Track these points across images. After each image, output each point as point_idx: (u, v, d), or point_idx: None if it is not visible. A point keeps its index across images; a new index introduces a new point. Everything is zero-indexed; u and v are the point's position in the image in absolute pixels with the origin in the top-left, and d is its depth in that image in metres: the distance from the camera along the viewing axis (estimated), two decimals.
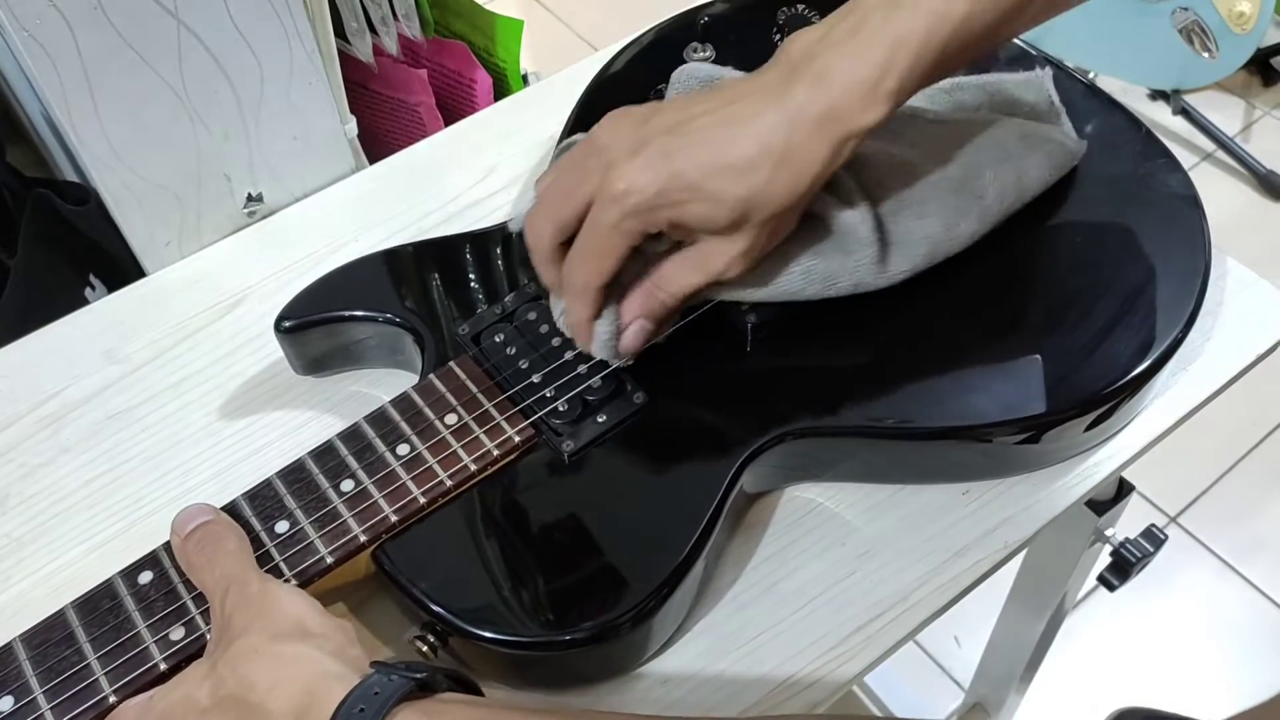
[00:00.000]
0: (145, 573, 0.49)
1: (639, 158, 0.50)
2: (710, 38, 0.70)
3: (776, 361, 0.56)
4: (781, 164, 0.49)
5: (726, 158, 0.49)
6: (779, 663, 0.52)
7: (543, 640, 0.48)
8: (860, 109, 0.48)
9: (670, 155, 0.49)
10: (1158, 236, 0.59)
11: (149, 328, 0.66)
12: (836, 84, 0.48)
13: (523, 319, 0.58)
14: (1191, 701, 1.31)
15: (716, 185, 0.49)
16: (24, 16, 0.59)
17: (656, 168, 0.49)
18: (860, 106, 0.48)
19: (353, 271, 0.61)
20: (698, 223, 0.50)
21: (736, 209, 0.49)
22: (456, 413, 0.54)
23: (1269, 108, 1.97)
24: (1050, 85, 0.64)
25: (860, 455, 0.56)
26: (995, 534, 0.56)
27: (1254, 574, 1.44)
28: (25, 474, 0.60)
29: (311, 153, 0.74)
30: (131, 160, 0.67)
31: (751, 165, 0.49)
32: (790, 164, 0.49)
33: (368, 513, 0.50)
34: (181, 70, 0.66)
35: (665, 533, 0.50)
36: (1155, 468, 0.70)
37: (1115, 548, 0.79)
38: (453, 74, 0.94)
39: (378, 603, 0.53)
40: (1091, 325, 0.56)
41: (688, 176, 0.49)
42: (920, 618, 0.53)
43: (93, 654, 0.46)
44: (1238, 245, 0.66)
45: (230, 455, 0.60)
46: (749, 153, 0.49)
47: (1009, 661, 1.08)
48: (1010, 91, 0.63)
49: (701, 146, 0.50)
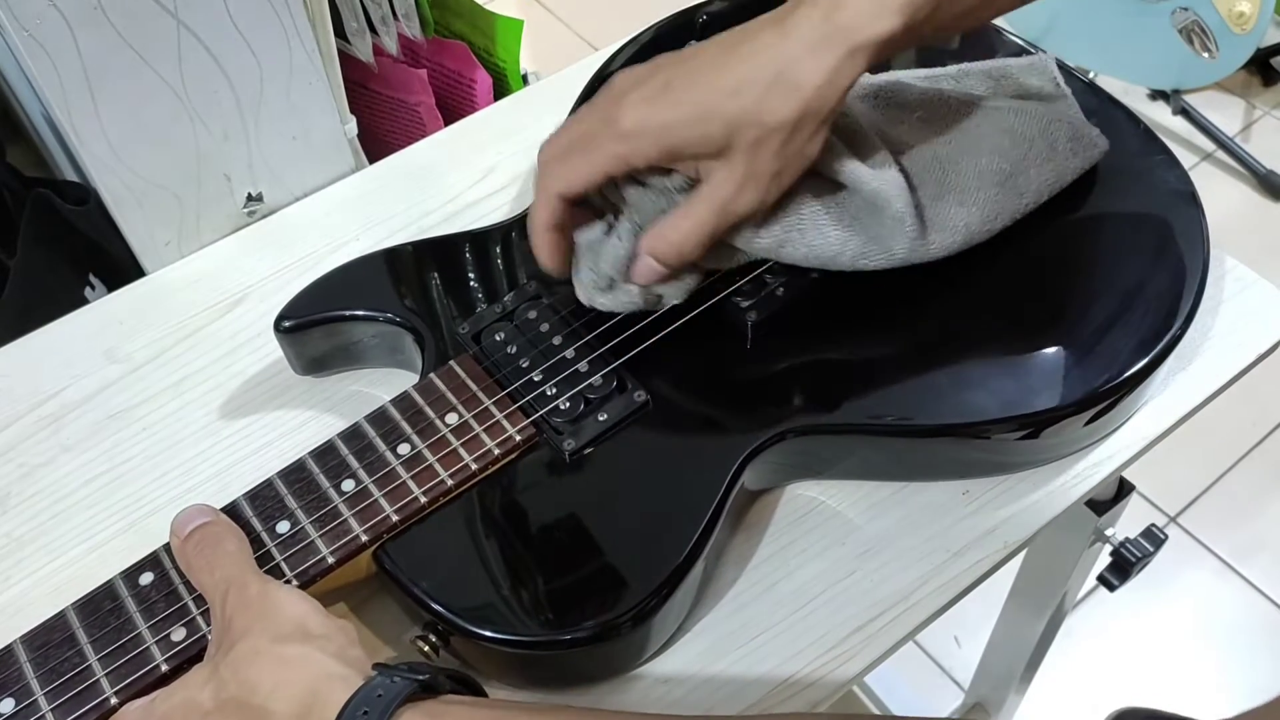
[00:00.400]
0: (146, 574, 0.49)
1: (639, 90, 0.51)
2: (708, 36, 0.70)
3: (777, 359, 0.56)
4: (775, 82, 0.49)
5: (717, 81, 0.50)
6: (779, 662, 0.52)
7: (543, 640, 0.48)
8: (869, 18, 0.48)
9: (669, 86, 0.50)
10: (1156, 234, 0.60)
11: (149, 327, 0.66)
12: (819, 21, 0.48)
13: (523, 317, 0.58)
14: (1191, 701, 1.31)
15: (705, 107, 0.50)
16: (24, 16, 0.59)
17: (653, 99, 0.50)
18: (869, 14, 0.48)
19: (353, 271, 0.61)
20: (688, 146, 0.51)
21: (725, 128, 0.49)
22: (457, 412, 0.54)
23: (1269, 108, 1.97)
24: (1054, 68, 0.64)
25: (860, 453, 0.56)
26: (995, 534, 0.56)
27: (1254, 574, 1.44)
28: (25, 474, 0.60)
29: (311, 153, 0.74)
30: (131, 160, 0.67)
31: (741, 84, 0.49)
32: (785, 82, 0.49)
33: (369, 512, 0.50)
34: (181, 70, 0.66)
35: (666, 531, 0.50)
36: (1155, 468, 0.70)
37: (1115, 548, 0.79)
38: (453, 74, 0.94)
39: (379, 603, 0.53)
40: (1090, 322, 0.56)
41: (680, 101, 0.50)
42: (920, 618, 0.53)
43: (94, 655, 0.46)
44: (1238, 245, 0.66)
45: (230, 455, 0.60)
46: (739, 74, 0.49)
47: (1009, 661, 1.08)
48: (1016, 75, 0.63)
49: (697, 75, 0.50)
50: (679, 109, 0.50)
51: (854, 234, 0.55)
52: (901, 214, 0.54)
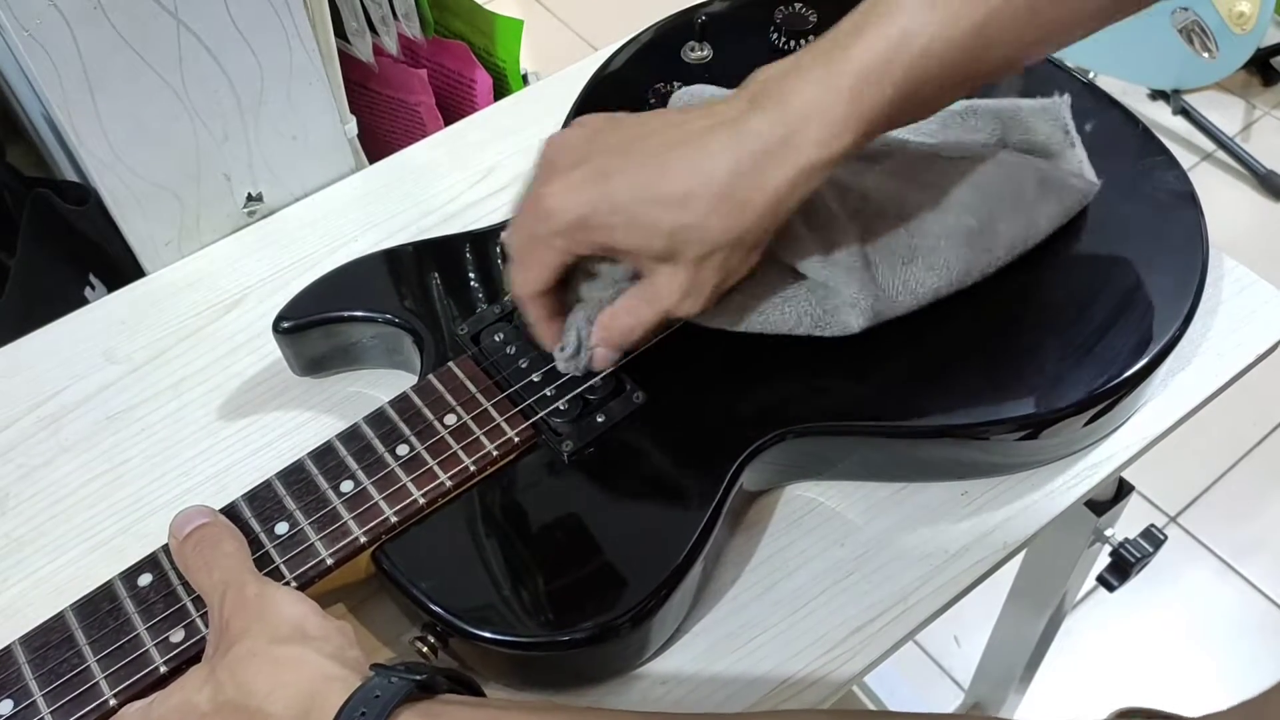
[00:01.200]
0: (145, 575, 0.49)
1: (573, 174, 0.49)
2: (708, 37, 0.70)
3: (775, 360, 0.56)
4: (722, 199, 0.47)
5: (661, 187, 0.47)
6: (778, 663, 0.52)
7: (542, 640, 0.48)
8: (821, 139, 0.46)
9: (606, 176, 0.48)
10: (1156, 234, 0.59)
11: (149, 328, 0.66)
12: (796, 111, 0.46)
13: (522, 318, 0.58)
14: (1191, 701, 1.30)
15: (647, 214, 0.48)
16: (24, 16, 0.59)
17: (586, 189, 0.48)
18: (821, 136, 0.46)
19: (352, 271, 0.61)
20: (630, 249, 0.49)
21: (669, 240, 0.48)
22: (456, 413, 0.53)
23: (1269, 108, 1.97)
24: (1067, 114, 0.62)
25: (859, 453, 0.56)
26: (995, 534, 0.56)
27: (1254, 574, 1.44)
28: (25, 474, 0.60)
29: (311, 153, 0.74)
30: (131, 160, 0.67)
31: (688, 197, 0.47)
32: (732, 200, 0.47)
33: (368, 514, 0.50)
34: (181, 70, 0.66)
35: (665, 532, 0.50)
36: (1155, 468, 0.70)
37: (1115, 548, 0.79)
38: (453, 74, 0.94)
39: (378, 604, 0.53)
40: (1090, 322, 0.56)
41: (617, 200, 0.48)
42: (920, 618, 0.53)
43: (93, 657, 0.46)
44: (1237, 245, 0.66)
45: (229, 456, 0.60)
46: (687, 184, 0.47)
47: (1009, 661, 1.08)
48: (1025, 119, 0.61)
49: (639, 171, 0.48)
50: (615, 213, 0.48)
51: (808, 310, 0.55)
52: (854, 299, 0.54)
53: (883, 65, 0.46)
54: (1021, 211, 0.58)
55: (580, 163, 0.49)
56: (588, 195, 0.48)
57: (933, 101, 0.49)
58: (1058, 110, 0.62)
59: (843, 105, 0.46)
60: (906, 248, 0.56)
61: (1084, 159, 0.61)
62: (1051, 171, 0.60)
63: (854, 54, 0.46)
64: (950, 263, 0.56)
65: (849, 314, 0.54)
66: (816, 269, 0.54)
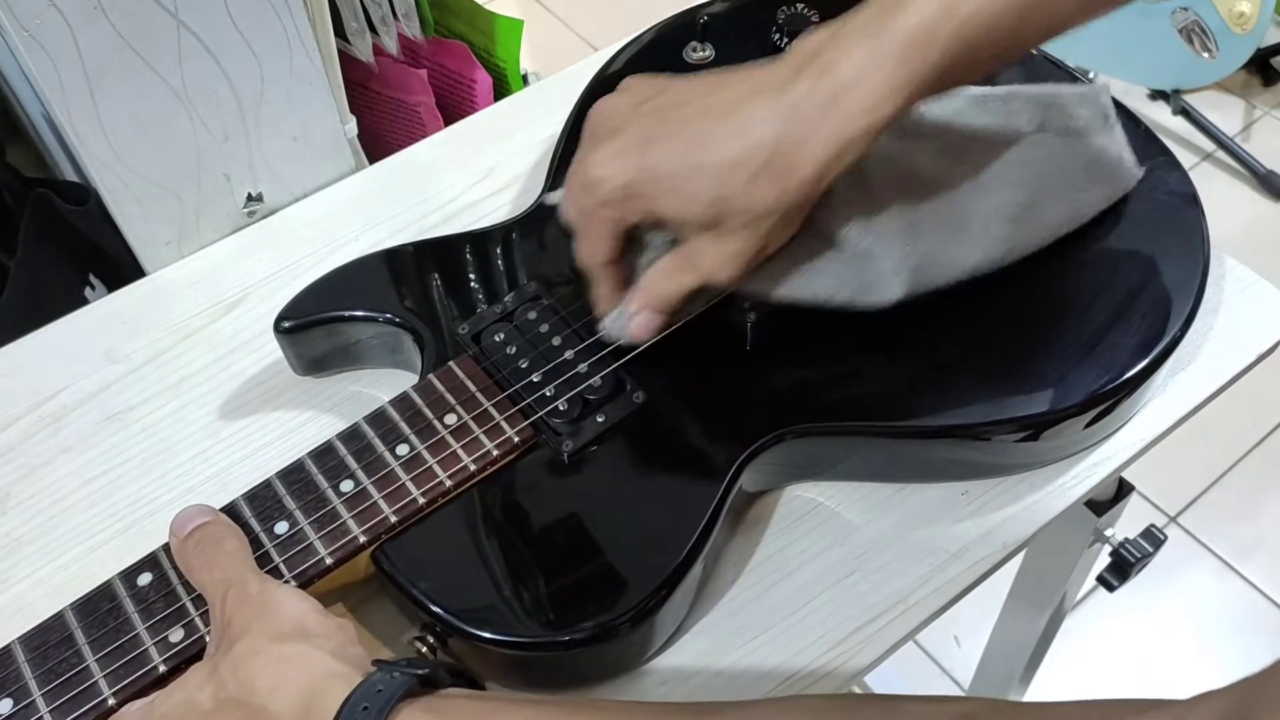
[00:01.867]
0: (145, 574, 0.49)
1: (616, 141, 0.49)
2: (710, 37, 0.70)
3: (776, 360, 0.56)
4: (766, 167, 0.47)
5: (706, 155, 0.47)
6: (779, 663, 0.52)
7: (542, 640, 0.48)
8: (867, 105, 0.46)
9: (649, 144, 0.48)
10: (1157, 235, 0.59)
11: (149, 328, 0.66)
12: (841, 77, 0.46)
13: (523, 318, 0.58)
14: None
15: (689, 183, 0.48)
16: (24, 16, 0.59)
17: (629, 157, 0.48)
18: (866, 102, 0.46)
19: (352, 271, 0.61)
20: (673, 216, 0.49)
21: (711, 209, 0.48)
22: (456, 413, 0.53)
23: (1269, 108, 1.97)
24: (1108, 100, 0.61)
25: (860, 454, 0.56)
26: (995, 534, 0.56)
27: (1253, 574, 1.44)
28: (25, 474, 0.60)
29: (311, 153, 0.74)
30: (131, 160, 0.67)
31: (732, 166, 0.47)
32: (776, 167, 0.47)
33: (367, 513, 0.50)
34: (181, 70, 0.66)
35: (665, 532, 0.50)
36: (1155, 468, 0.70)
37: (1115, 548, 0.79)
38: (453, 74, 0.94)
39: (377, 604, 0.53)
40: (1090, 323, 0.56)
41: (661, 169, 0.48)
42: (920, 618, 0.53)
43: (92, 656, 0.46)
44: (1238, 245, 0.66)
45: (229, 455, 0.60)
46: (731, 153, 0.47)
47: (1009, 661, 1.08)
48: (1066, 104, 0.61)
49: (683, 139, 0.48)
50: (658, 181, 0.48)
51: (845, 281, 0.54)
52: (896, 268, 0.54)
53: (931, 28, 0.45)
54: (1070, 193, 0.58)
55: (621, 129, 0.49)
56: (629, 163, 0.48)
57: (978, 67, 0.48)
58: (1097, 95, 0.61)
59: (889, 70, 0.46)
60: (955, 220, 0.55)
61: (1125, 144, 0.61)
62: (1100, 156, 0.59)
63: (903, 18, 0.46)
64: (996, 239, 0.56)
65: (889, 283, 0.54)
66: (859, 237, 0.54)
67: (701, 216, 0.49)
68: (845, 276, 0.54)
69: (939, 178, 0.57)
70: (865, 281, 0.55)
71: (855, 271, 0.55)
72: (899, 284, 0.54)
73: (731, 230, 0.49)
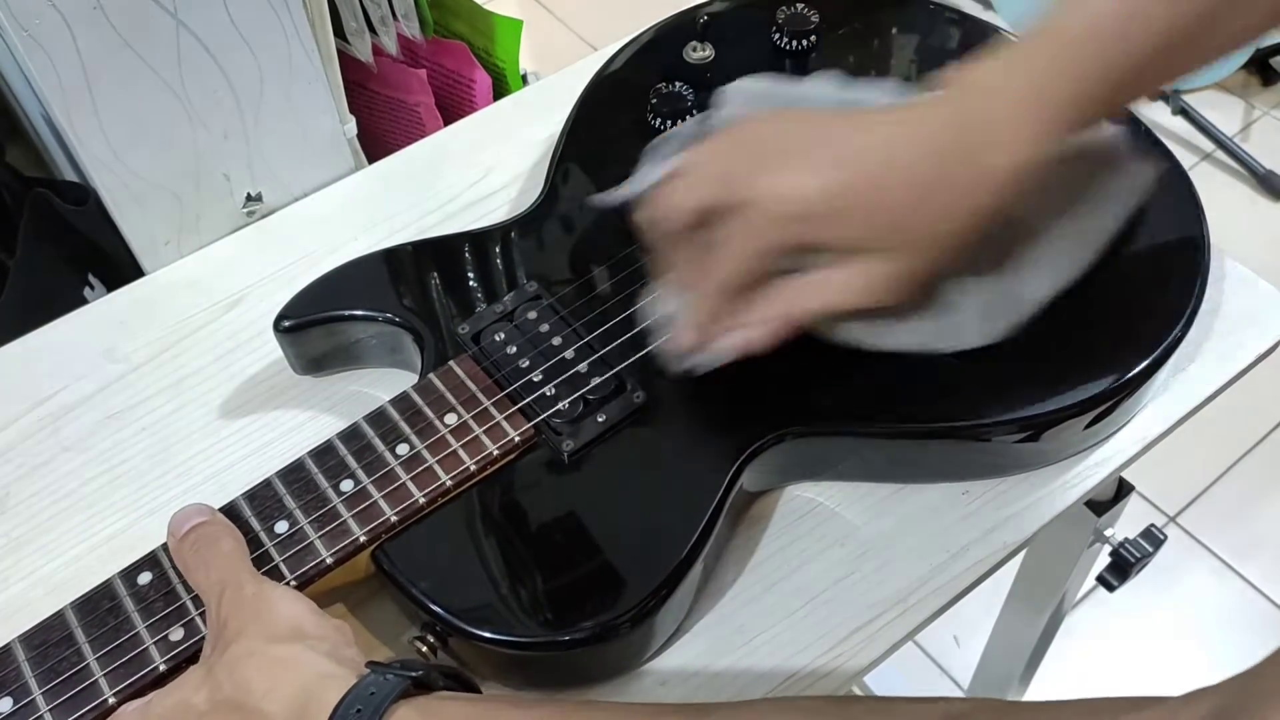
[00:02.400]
0: (144, 573, 0.49)
1: (807, 160, 0.48)
2: (709, 37, 0.70)
3: (776, 360, 0.56)
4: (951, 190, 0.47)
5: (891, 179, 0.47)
6: (779, 663, 0.52)
7: (542, 640, 0.48)
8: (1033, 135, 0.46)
9: (841, 164, 0.47)
10: (1157, 235, 0.59)
11: (148, 327, 0.66)
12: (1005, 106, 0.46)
13: (523, 318, 0.58)
14: None
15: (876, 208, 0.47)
16: (24, 16, 0.59)
17: (824, 174, 0.47)
18: (1033, 132, 0.46)
19: (352, 271, 0.61)
20: (848, 240, 0.48)
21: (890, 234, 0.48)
22: (456, 412, 0.53)
23: (1268, 108, 1.97)
24: None
25: (860, 454, 0.56)
26: (995, 534, 0.56)
27: (1253, 574, 1.44)
28: (25, 474, 0.60)
29: (311, 152, 0.74)
30: (131, 160, 0.67)
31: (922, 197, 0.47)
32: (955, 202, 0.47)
33: (368, 513, 0.50)
34: (181, 70, 0.66)
35: (665, 532, 0.50)
36: (1155, 468, 0.70)
37: (1115, 548, 0.79)
38: (452, 74, 0.94)
39: (377, 603, 0.53)
40: (1090, 324, 0.56)
41: (856, 187, 0.47)
42: (920, 618, 0.53)
43: (92, 655, 0.46)
44: (1238, 245, 0.66)
45: (229, 455, 0.60)
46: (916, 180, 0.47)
47: (1008, 661, 1.08)
48: None
49: (869, 159, 0.47)
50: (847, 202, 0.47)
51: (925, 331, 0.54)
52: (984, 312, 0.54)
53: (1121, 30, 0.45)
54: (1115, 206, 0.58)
55: (802, 150, 0.48)
56: (825, 181, 0.47)
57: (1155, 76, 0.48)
58: None
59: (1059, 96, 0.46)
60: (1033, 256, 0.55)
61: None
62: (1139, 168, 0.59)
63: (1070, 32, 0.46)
64: (1070, 262, 0.56)
65: (976, 327, 0.54)
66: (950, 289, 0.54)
67: (873, 242, 0.48)
68: (931, 327, 0.54)
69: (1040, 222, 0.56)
70: (945, 326, 0.54)
71: (941, 318, 0.54)
72: (987, 331, 0.54)
73: (900, 259, 0.48)
